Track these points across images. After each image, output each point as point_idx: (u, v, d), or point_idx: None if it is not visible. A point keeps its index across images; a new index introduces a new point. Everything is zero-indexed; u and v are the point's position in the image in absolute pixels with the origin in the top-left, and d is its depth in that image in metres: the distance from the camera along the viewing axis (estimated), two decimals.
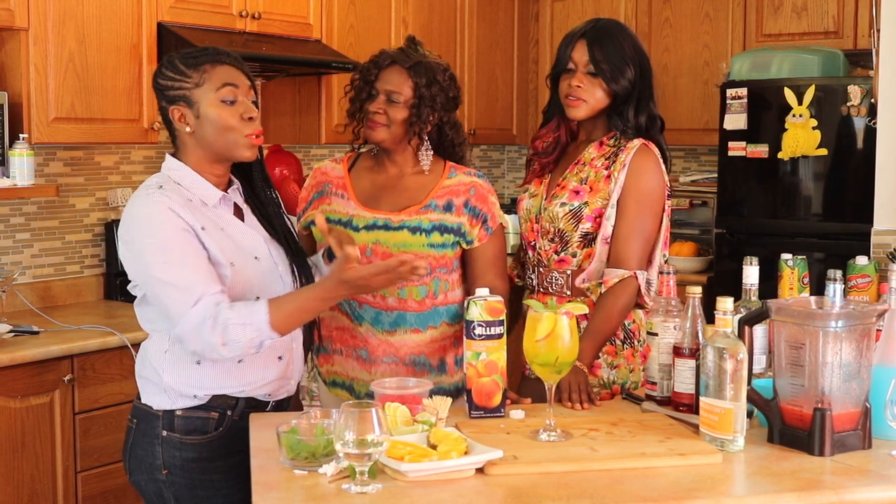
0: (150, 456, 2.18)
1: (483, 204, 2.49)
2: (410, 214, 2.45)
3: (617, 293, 2.44)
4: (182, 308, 2.03)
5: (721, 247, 4.73)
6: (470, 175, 2.52)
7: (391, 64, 2.47)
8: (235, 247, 2.15)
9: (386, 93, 2.45)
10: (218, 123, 2.14)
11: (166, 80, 2.16)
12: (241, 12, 3.93)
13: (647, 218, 2.48)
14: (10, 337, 3.18)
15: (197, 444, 2.17)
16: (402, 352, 2.46)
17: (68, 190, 3.83)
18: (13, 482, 3.07)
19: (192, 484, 2.17)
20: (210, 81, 2.14)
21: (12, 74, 3.35)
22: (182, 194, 2.13)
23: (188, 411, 2.16)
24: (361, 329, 2.47)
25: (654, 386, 2.25)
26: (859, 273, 3.06)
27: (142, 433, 2.20)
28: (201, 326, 2.02)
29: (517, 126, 5.54)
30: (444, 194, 2.48)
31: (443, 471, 1.76)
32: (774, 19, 4.87)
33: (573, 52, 2.54)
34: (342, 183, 2.54)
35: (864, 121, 4.24)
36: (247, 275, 2.14)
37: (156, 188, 2.12)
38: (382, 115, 2.44)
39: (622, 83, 2.50)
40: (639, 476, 1.80)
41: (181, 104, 2.15)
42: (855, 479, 1.80)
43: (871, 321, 1.94)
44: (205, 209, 2.15)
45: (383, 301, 2.44)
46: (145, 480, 2.21)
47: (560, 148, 2.64)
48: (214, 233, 2.12)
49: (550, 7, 5.53)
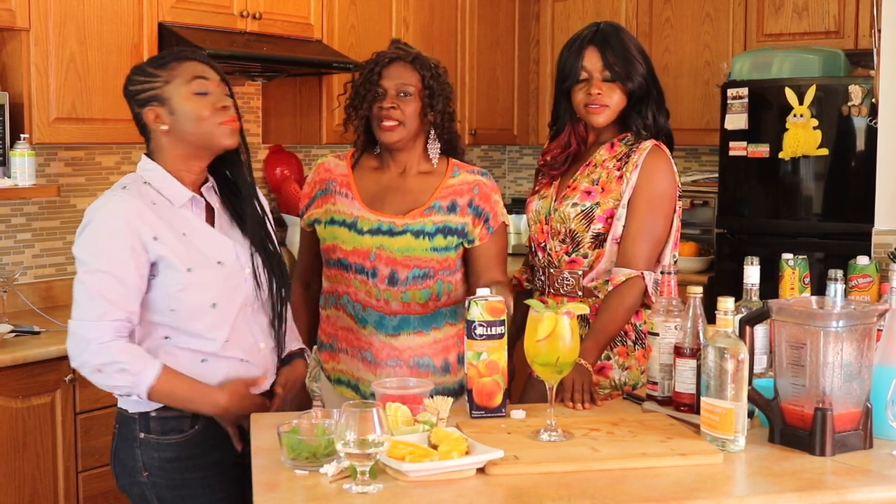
0: (131, 459, 2.19)
1: (486, 203, 2.49)
2: (414, 217, 2.45)
3: (623, 293, 2.44)
4: (85, 313, 2.08)
5: (722, 247, 4.73)
6: (474, 173, 2.52)
7: (393, 61, 2.48)
8: (195, 251, 2.14)
9: (396, 88, 2.45)
10: (192, 115, 2.14)
11: (136, 85, 2.17)
12: (241, 12, 3.93)
13: (657, 218, 2.48)
14: (12, 337, 3.18)
15: (175, 444, 2.16)
16: (405, 355, 2.47)
17: (69, 190, 3.83)
18: (14, 482, 3.07)
19: (173, 484, 2.17)
20: (180, 76, 2.15)
21: (13, 75, 3.35)
22: (147, 196, 2.13)
23: (162, 411, 2.16)
24: (365, 332, 2.48)
25: (656, 386, 2.25)
26: (860, 273, 3.06)
27: (122, 437, 2.22)
28: (90, 343, 2.06)
29: (518, 126, 5.54)
30: (448, 195, 2.48)
31: (444, 471, 1.76)
32: (775, 19, 4.87)
33: (584, 61, 2.53)
34: (346, 181, 2.53)
35: (865, 121, 4.24)
36: (204, 280, 2.13)
37: (119, 189, 2.15)
38: (397, 111, 2.43)
39: (637, 80, 2.51)
40: (640, 476, 1.80)
41: (154, 104, 2.15)
42: (856, 479, 1.80)
43: (872, 321, 1.94)
44: (168, 212, 2.14)
45: (387, 305, 2.45)
46: (129, 484, 2.21)
47: (570, 157, 2.63)
48: (170, 239, 2.11)
49: (551, 7, 5.53)
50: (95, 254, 2.09)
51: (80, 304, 2.10)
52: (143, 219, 2.09)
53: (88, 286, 2.09)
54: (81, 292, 2.10)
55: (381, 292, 2.45)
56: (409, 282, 2.44)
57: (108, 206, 2.12)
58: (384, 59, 2.48)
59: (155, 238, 2.10)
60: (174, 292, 2.12)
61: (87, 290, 2.08)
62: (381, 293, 2.45)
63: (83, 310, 2.09)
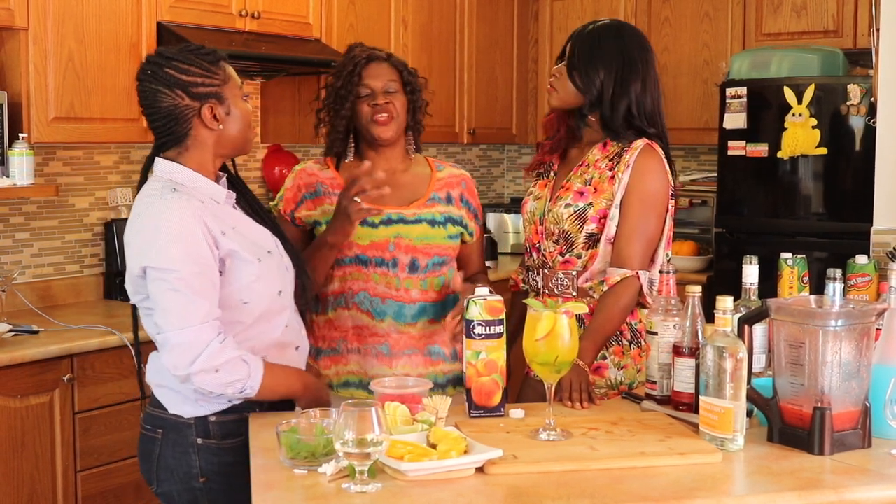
0: (185, 465, 2.14)
1: (474, 198, 2.64)
2: (420, 208, 2.51)
3: (618, 293, 2.44)
4: (191, 319, 1.99)
5: (721, 246, 4.73)
6: (456, 167, 2.66)
7: (369, 61, 2.52)
8: (252, 243, 2.14)
9: (383, 86, 2.49)
10: (245, 120, 2.16)
11: (192, 77, 2.09)
12: (240, 12, 3.93)
13: (650, 218, 2.48)
14: (10, 336, 3.18)
15: (236, 447, 2.12)
16: (421, 343, 2.50)
17: (68, 189, 3.83)
18: (13, 482, 3.07)
19: (230, 488, 2.12)
20: (233, 78, 2.16)
21: (12, 74, 3.34)
22: (195, 197, 2.08)
23: (221, 415, 2.13)
24: (383, 325, 2.48)
25: (654, 385, 2.25)
26: (859, 272, 3.06)
27: (172, 443, 2.15)
28: (207, 345, 1.98)
29: (517, 125, 5.55)
30: (442, 187, 2.58)
31: (442, 470, 1.76)
32: (774, 18, 4.87)
33: (568, 45, 2.60)
34: (337, 182, 2.53)
35: (864, 120, 4.24)
36: (270, 269, 2.14)
37: (170, 191, 2.06)
38: (391, 105, 2.48)
39: (589, 86, 2.52)
40: (638, 475, 1.80)
41: (213, 101, 2.11)
42: (855, 478, 1.80)
43: (871, 320, 1.94)
44: (217, 209, 2.11)
45: (407, 294, 2.47)
46: (178, 491, 2.16)
47: (559, 140, 2.65)
48: (233, 233, 2.10)
49: (550, 6, 5.53)
50: (179, 258, 2.00)
51: (178, 312, 2.00)
52: (207, 216, 2.06)
53: (185, 292, 1.99)
54: (176, 300, 1.99)
55: (401, 281, 2.47)
56: (429, 269, 2.49)
57: (173, 209, 2.03)
58: (361, 60, 2.51)
59: (223, 233, 2.07)
60: (248, 284, 2.09)
61: (185, 295, 1.99)
62: (402, 282, 2.47)
63: (183, 317, 1.99)
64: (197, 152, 2.13)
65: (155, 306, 2.04)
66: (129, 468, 3.31)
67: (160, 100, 2.10)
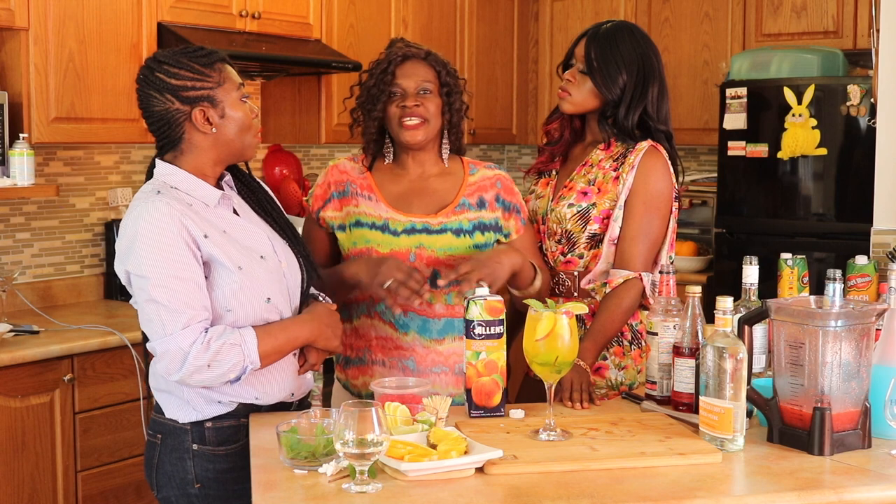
0: (181, 471, 2.13)
1: (512, 196, 2.47)
2: (447, 216, 2.39)
3: (621, 294, 2.44)
4: (171, 328, 1.98)
5: (721, 246, 4.74)
6: (491, 168, 2.49)
7: (406, 59, 2.39)
8: (241, 248, 2.10)
9: (416, 86, 2.37)
10: (241, 123, 2.11)
11: (181, 80, 2.07)
12: (240, 12, 3.93)
13: (653, 220, 2.48)
14: (11, 336, 3.18)
15: (231, 454, 2.12)
16: (451, 360, 2.38)
17: (68, 189, 3.83)
18: (13, 482, 3.07)
19: (225, 495, 2.12)
20: (230, 80, 2.12)
21: (12, 74, 3.35)
22: (182, 199, 2.06)
23: (217, 421, 2.12)
24: (407, 338, 2.37)
25: (654, 385, 2.26)
26: (859, 272, 3.06)
27: (169, 448, 2.14)
28: (190, 348, 1.97)
29: (517, 126, 5.55)
30: (474, 191, 2.44)
31: (442, 470, 1.76)
32: (774, 19, 4.87)
33: (577, 48, 2.56)
34: (367, 184, 2.43)
35: (864, 120, 4.25)
36: (255, 276, 2.09)
37: (154, 194, 2.05)
38: (421, 108, 2.35)
39: (612, 88, 2.49)
40: (638, 475, 1.80)
41: (205, 104, 2.08)
42: (855, 479, 1.80)
43: (871, 320, 1.94)
44: (206, 212, 2.09)
45: (430, 308, 2.36)
46: (176, 496, 2.16)
47: (564, 144, 2.64)
48: (217, 238, 2.06)
49: (550, 7, 5.53)
50: (157, 264, 1.98)
51: (161, 321, 1.98)
52: (188, 218, 2.03)
53: (163, 300, 1.97)
54: (157, 310, 1.98)
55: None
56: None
57: (152, 212, 2.01)
58: (397, 58, 2.39)
59: (205, 236, 2.04)
60: (230, 293, 2.06)
61: (163, 304, 1.97)
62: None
63: (166, 325, 1.98)
64: (192, 156, 2.11)
65: (140, 315, 2.05)
66: (130, 468, 3.32)
67: (153, 104, 2.10)
